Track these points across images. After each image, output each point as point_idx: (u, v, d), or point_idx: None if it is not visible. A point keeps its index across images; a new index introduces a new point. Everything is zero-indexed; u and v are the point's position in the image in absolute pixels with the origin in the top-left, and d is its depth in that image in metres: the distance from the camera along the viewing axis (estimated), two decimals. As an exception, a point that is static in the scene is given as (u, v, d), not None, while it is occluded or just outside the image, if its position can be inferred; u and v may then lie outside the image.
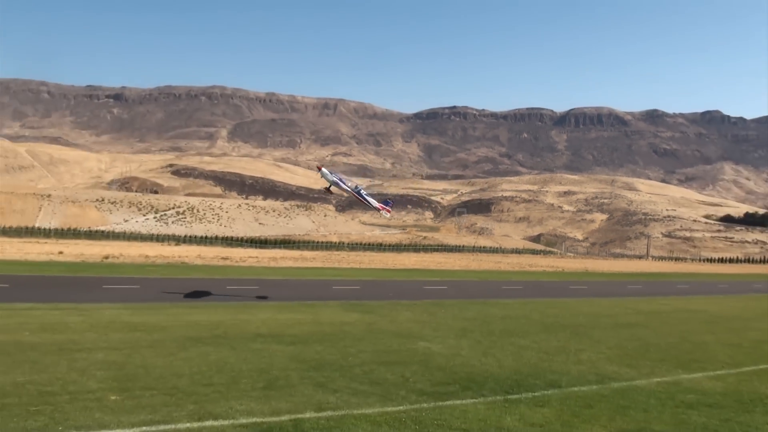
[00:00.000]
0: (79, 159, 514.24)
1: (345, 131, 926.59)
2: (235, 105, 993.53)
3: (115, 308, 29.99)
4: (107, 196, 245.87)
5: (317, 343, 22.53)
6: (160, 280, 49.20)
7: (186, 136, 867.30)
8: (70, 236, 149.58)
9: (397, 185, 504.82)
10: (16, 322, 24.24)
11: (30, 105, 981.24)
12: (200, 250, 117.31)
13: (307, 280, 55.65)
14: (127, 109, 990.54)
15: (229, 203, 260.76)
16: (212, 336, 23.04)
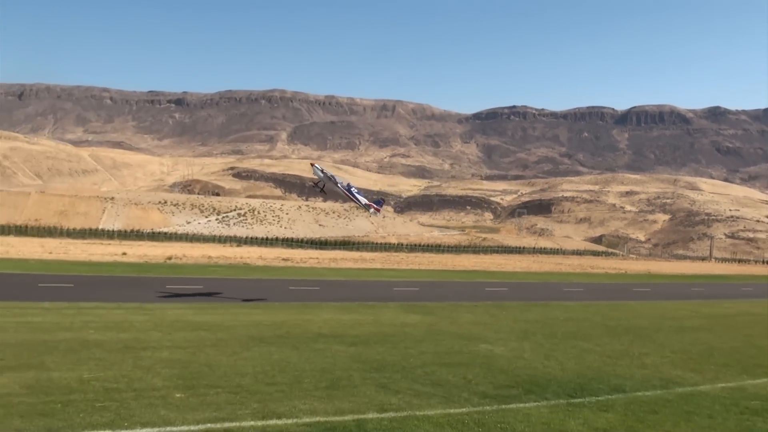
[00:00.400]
0: (142, 162, 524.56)
1: (403, 132, 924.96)
2: (294, 108, 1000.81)
3: (178, 308, 30.66)
4: (170, 199, 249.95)
5: (378, 344, 22.65)
6: (222, 280, 49.97)
7: (247, 140, 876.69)
8: (134, 238, 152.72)
9: (456, 186, 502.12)
10: (81, 321, 24.93)
11: (93, 111, 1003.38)
12: (261, 251, 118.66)
13: (367, 281, 55.91)
14: (188, 113, 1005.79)
15: (290, 205, 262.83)
16: (275, 336, 23.36)
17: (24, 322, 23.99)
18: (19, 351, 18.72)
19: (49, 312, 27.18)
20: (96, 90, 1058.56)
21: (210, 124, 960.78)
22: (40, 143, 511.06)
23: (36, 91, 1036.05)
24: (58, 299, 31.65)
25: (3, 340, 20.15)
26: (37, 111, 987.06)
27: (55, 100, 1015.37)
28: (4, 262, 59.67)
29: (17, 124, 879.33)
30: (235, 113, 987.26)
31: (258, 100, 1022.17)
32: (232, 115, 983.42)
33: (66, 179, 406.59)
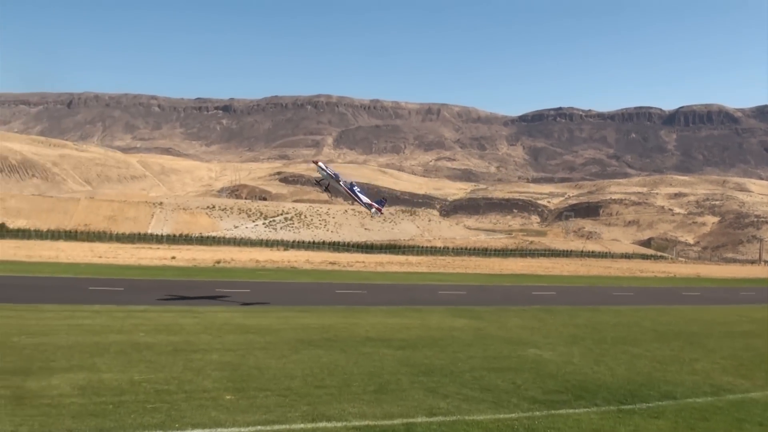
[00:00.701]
0: (190, 168, 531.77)
1: (449, 136, 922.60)
2: (340, 113, 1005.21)
3: (227, 310, 31.00)
4: (218, 204, 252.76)
5: (426, 348, 22.53)
6: (270, 284, 50.30)
7: (293, 145, 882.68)
8: (182, 242, 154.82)
9: (502, 189, 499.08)
10: (131, 324, 25.33)
11: (141, 118, 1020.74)
12: (308, 255, 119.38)
13: (414, 285, 55.79)
14: (235, 119, 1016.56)
15: (336, 209, 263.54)
16: (323, 339, 23.42)
17: (75, 325, 24.46)
18: (70, 353, 19.05)
19: (100, 315, 27.67)
20: (144, 98, 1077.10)
21: (257, 130, 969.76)
22: (89, 150, 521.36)
23: (84, 99, 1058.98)
24: (109, 302, 32.24)
25: (54, 342, 20.53)
26: (85, 119, 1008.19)
27: (103, 108, 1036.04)
28: (54, 266, 60.92)
29: (66, 132, 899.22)
30: (281, 119, 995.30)
31: (304, 105, 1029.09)
32: (279, 120, 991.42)
33: (115, 185, 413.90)
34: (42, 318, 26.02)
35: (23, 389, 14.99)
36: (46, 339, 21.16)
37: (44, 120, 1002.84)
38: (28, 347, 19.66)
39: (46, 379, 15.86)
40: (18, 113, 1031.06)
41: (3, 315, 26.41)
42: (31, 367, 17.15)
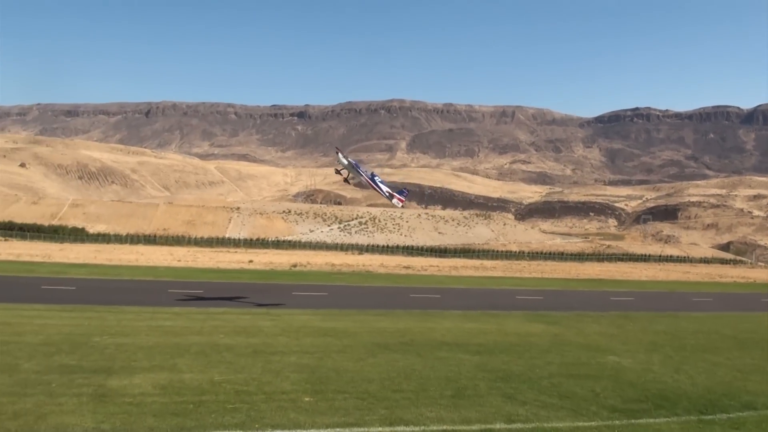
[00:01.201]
0: (266, 174, 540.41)
1: (523, 138, 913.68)
2: (413, 117, 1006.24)
3: (305, 314, 31.36)
4: (293, 208, 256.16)
5: (503, 354, 22.30)
6: (346, 287, 50.63)
7: (367, 149, 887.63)
8: (259, 246, 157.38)
9: (578, 192, 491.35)
10: (211, 326, 25.90)
11: (218, 125, 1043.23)
12: (382, 259, 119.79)
13: (489, 290, 55.38)
14: (310, 125, 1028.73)
15: (409, 213, 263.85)
16: (399, 343, 23.40)
17: (155, 326, 25.13)
18: (151, 353, 19.54)
19: (179, 317, 28.37)
20: (221, 106, 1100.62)
21: (331, 135, 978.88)
22: (168, 157, 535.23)
23: (163, 108, 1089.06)
24: (188, 305, 33.02)
25: (136, 343, 21.11)
26: (164, 127, 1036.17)
27: (181, 117, 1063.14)
28: (135, 269, 62.64)
29: (145, 140, 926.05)
30: (355, 124, 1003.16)
31: (377, 110, 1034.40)
32: (353, 125, 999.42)
33: (193, 191, 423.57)
34: (123, 319, 26.79)
35: (105, 387, 15.43)
36: (127, 339, 21.78)
37: (123, 129, 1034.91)
38: (109, 347, 20.27)
39: (127, 378, 16.30)
40: (97, 122, 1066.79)
41: (85, 316, 27.30)
42: (113, 366, 17.66)
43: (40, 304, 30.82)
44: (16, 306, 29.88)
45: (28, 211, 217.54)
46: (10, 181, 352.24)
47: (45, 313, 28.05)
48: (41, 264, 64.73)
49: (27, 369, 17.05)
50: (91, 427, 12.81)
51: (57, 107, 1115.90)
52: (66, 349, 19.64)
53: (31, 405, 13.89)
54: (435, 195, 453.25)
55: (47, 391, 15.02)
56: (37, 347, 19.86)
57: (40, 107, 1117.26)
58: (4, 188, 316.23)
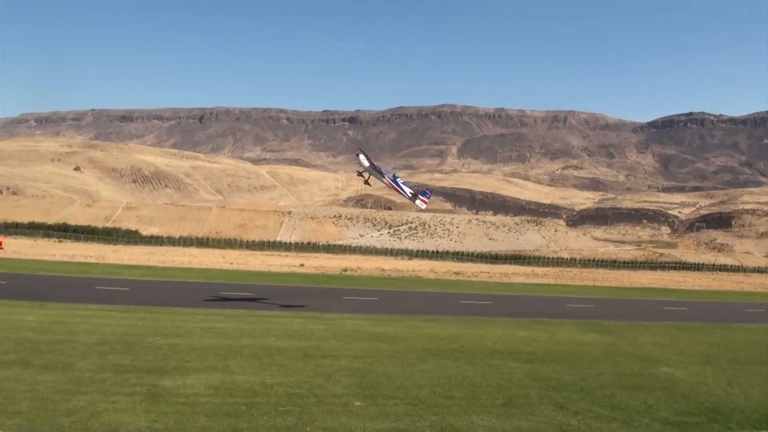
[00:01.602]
0: (317, 178, 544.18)
1: (575, 143, 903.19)
2: (464, 122, 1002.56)
3: (355, 318, 31.47)
4: (344, 213, 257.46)
5: (555, 362, 22.06)
6: (396, 292, 50.62)
7: (417, 155, 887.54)
8: (309, 250, 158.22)
9: (631, 199, 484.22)
10: (262, 328, 26.16)
11: (270, 131, 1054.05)
12: (432, 264, 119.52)
13: (541, 297, 54.85)
14: (361, 130, 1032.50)
15: (460, 219, 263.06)
16: (450, 349, 23.31)
17: (208, 328, 25.48)
18: (204, 354, 19.82)
19: (232, 319, 28.68)
20: (273, 111, 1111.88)
21: (382, 140, 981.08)
22: (220, 162, 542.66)
23: (216, 114, 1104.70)
24: (240, 307, 33.35)
25: (189, 344, 21.42)
26: (217, 132, 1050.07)
27: (234, 122, 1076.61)
28: (188, 271, 63.48)
29: (198, 145, 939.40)
30: (406, 129, 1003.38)
31: (428, 115, 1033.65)
32: (403, 131, 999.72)
33: (245, 195, 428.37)
34: (176, 320, 27.24)
35: (159, 387, 15.69)
36: (180, 340, 22.13)
37: (177, 134, 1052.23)
38: (163, 347, 20.61)
39: (180, 379, 16.54)
40: (151, 127, 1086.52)
41: (139, 317, 27.80)
42: (166, 366, 17.94)
43: (94, 304, 31.53)
44: (70, 306, 30.63)
45: (83, 213, 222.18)
46: (64, 184, 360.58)
47: (99, 312, 28.71)
48: (95, 265, 66.03)
49: (81, 367, 17.41)
50: (144, 426, 13.03)
51: (111, 113, 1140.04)
52: (120, 349, 20.03)
53: (84, 403, 14.19)
54: (486, 201, 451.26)
55: (101, 389, 15.33)
56: (92, 346, 20.30)
57: (95, 113, 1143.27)
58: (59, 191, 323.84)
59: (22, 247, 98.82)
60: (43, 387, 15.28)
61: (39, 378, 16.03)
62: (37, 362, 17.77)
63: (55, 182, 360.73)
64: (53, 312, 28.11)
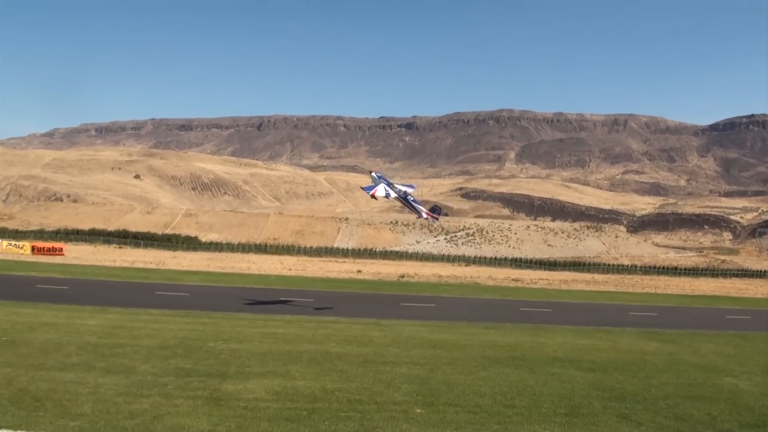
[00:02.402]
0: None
1: (636, 147, 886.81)
2: (522, 127, 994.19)
3: (413, 325, 31.53)
4: (400, 219, 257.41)
5: (617, 372, 21.75)
6: (453, 299, 50.54)
7: (474, 160, 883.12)
8: (366, 256, 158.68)
9: (692, 204, 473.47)
10: (322, 334, 26.40)
11: (328, 138, 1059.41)
12: (490, 271, 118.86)
13: (601, 305, 54.07)
14: (418, 136, 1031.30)
15: (518, 225, 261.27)
16: (510, 357, 23.18)
17: (268, 333, 25.85)
18: (264, 359, 20.10)
19: (291, 324, 29.05)
20: (330, 118, 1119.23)
21: (439, 146, 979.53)
22: (278, 169, 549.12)
23: (274, 121, 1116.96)
24: (299, 313, 33.78)
25: (249, 349, 21.73)
26: (275, 140, 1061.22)
27: (292, 130, 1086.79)
28: (247, 277, 64.42)
29: (256, 153, 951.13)
30: (463, 134, 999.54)
31: (486, 120, 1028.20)
32: (461, 136, 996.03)
33: (303, 201, 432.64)
34: (236, 325, 27.62)
35: (220, 391, 15.94)
36: (241, 345, 22.46)
37: (235, 141, 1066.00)
38: (224, 352, 20.95)
39: (242, 383, 16.78)
40: (210, 136, 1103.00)
41: (199, 321, 28.35)
42: (227, 370, 18.22)
43: (155, 309, 32.23)
44: (131, 310, 31.35)
45: (142, 220, 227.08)
46: (125, 191, 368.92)
47: (160, 317, 29.36)
48: (155, 270, 67.33)
49: (143, 371, 17.81)
50: (207, 429, 13.26)
51: (171, 122, 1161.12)
52: (181, 353, 20.43)
53: (147, 406, 14.50)
54: (544, 206, 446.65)
55: (163, 392, 15.64)
56: (153, 350, 20.75)
57: (154, 122, 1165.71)
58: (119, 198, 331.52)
59: (83, 253, 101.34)
60: (105, 389, 15.67)
61: (102, 381, 16.43)
62: (99, 365, 18.22)
63: (115, 190, 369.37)
64: (115, 316, 28.84)
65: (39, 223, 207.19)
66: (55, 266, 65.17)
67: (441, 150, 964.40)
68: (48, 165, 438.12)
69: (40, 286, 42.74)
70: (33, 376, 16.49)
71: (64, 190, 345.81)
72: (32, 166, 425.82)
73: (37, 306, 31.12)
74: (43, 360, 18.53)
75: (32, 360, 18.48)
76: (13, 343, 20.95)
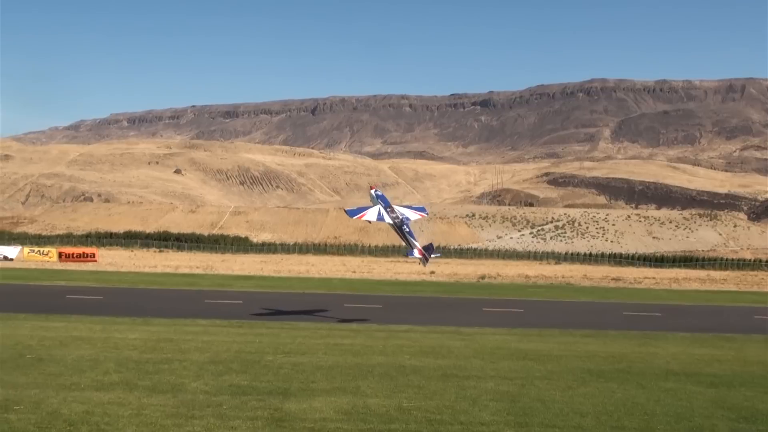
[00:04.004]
0: (446, 173, 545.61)
1: (756, 118, 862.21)
2: (618, 99, 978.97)
3: (499, 333, 31.46)
4: (477, 211, 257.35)
5: (744, 387, 21.09)
6: (544, 302, 50.15)
7: (562, 140, 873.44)
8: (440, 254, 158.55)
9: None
10: (394, 345, 26.55)
11: (392, 120, 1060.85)
12: (585, 269, 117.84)
13: (720, 307, 52.85)
14: (495, 115, 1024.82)
15: (616, 214, 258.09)
16: (614, 370, 22.83)
17: (333, 344, 26.09)
18: (331, 374, 20.27)
19: (359, 334, 29.33)
20: (394, 98, 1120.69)
21: (520, 126, 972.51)
22: (337, 158, 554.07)
23: (330, 104, 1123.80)
24: (367, 321, 34.18)
25: (314, 363, 21.95)
26: (332, 125, 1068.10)
27: (350, 113, 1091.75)
28: (306, 281, 65.13)
29: (312, 140, 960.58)
30: (548, 111, 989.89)
31: (574, 93, 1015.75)
32: (545, 113, 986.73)
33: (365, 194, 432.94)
34: (297, 336, 27.97)
35: (282, 411, 16.04)
36: (303, 358, 22.70)
37: (287, 128, 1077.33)
38: (285, 366, 21.17)
39: (306, 401, 16.89)
40: (259, 123, 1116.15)
41: (255, 332, 28.77)
42: (289, 387, 18.38)
43: (204, 319, 32.88)
44: (177, 321, 32.00)
45: (185, 220, 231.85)
46: (164, 189, 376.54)
47: (210, 328, 29.86)
48: (202, 276, 68.62)
49: (194, 389, 18.04)
50: (268, 453, 13.36)
51: (214, 108, 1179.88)
52: (236, 368, 20.68)
53: (200, 428, 14.64)
54: (647, 192, 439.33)
55: (217, 413, 15.80)
56: (204, 365, 21.07)
57: (195, 109, 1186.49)
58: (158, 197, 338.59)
59: (119, 258, 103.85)
60: (150, 411, 15.85)
61: (146, 401, 16.66)
62: (142, 383, 18.51)
63: (153, 187, 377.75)
64: (158, 328, 29.43)
65: (66, 227, 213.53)
66: (87, 274, 66.86)
67: (523, 130, 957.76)
68: (74, 161, 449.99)
69: (71, 296, 43.89)
70: (65, 398, 16.73)
71: (93, 188, 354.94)
72: (55, 163, 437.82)
73: (68, 319, 31.92)
74: (77, 379, 18.85)
75: (64, 379, 18.79)
76: (40, 361, 21.34)
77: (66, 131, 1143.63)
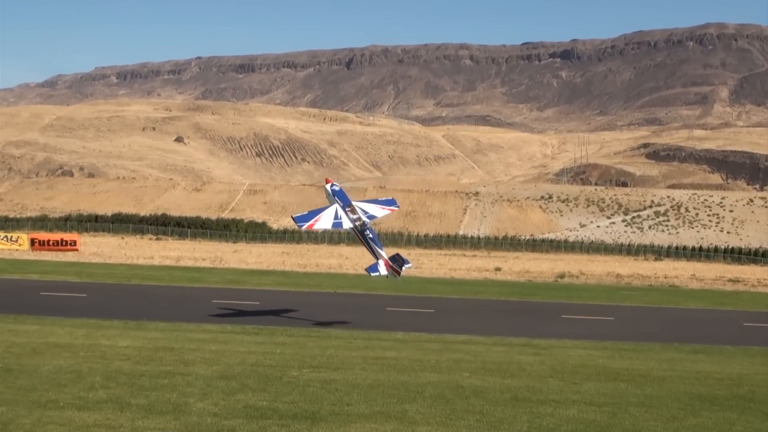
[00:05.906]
0: (516, 143, 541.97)
1: None
2: (740, 50, 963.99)
3: (582, 347, 31.28)
4: (555, 192, 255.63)
5: None
6: (639, 309, 49.87)
7: (666, 102, 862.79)
8: (507, 247, 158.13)
9: None
10: (450, 359, 26.45)
11: (447, 76, 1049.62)
12: (694, 267, 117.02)
13: None
14: (579, 70, 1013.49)
15: (735, 198, 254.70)
16: (733, 396, 22.50)
17: (373, 357, 26.09)
18: (371, 394, 20.20)
19: (405, 345, 29.32)
20: (450, 48, 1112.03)
21: (611, 84, 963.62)
22: (377, 124, 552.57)
23: (369, 56, 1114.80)
24: (415, 329, 34.08)
25: (347, 380, 21.93)
26: (371, 82, 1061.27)
27: (395, 66, 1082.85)
28: (338, 278, 65.40)
29: (346, 101, 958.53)
30: (647, 64, 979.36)
31: (682, 42, 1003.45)
32: (644, 67, 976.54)
33: (413, 169, 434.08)
34: (328, 347, 28.02)
35: (311, 440, 16.05)
36: (335, 375, 22.66)
37: (315, 86, 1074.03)
38: (312, 384, 21.12)
39: (341, 428, 16.87)
40: (280, 79, 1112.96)
41: (276, 341, 28.93)
42: (319, 411, 18.31)
43: (212, 325, 33.23)
44: (179, 326, 32.33)
45: (188, 200, 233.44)
46: (162, 161, 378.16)
47: (220, 336, 30.06)
48: (210, 270, 69.23)
49: (200, 410, 18.07)
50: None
51: (224, 61, 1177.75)
52: (253, 386, 20.72)
53: (207, 459, 14.72)
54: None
55: (229, 440, 15.84)
56: (213, 381, 21.13)
57: (201, 62, 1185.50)
58: (155, 171, 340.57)
59: (106, 247, 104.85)
60: (147, 436, 15.97)
61: (141, 423, 16.69)
62: (136, 402, 18.57)
63: (149, 159, 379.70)
64: (156, 335, 29.70)
65: (39, 207, 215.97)
66: (67, 266, 67.76)
67: (615, 89, 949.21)
68: (50, 126, 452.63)
69: (46, 293, 44.55)
70: (39, 418, 16.73)
71: (74, 160, 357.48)
72: (26, 128, 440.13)
73: (43, 321, 32.36)
74: (55, 395, 18.90)
75: (38, 395, 18.86)
76: (9, 372, 21.44)
77: (39, 89, 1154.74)
